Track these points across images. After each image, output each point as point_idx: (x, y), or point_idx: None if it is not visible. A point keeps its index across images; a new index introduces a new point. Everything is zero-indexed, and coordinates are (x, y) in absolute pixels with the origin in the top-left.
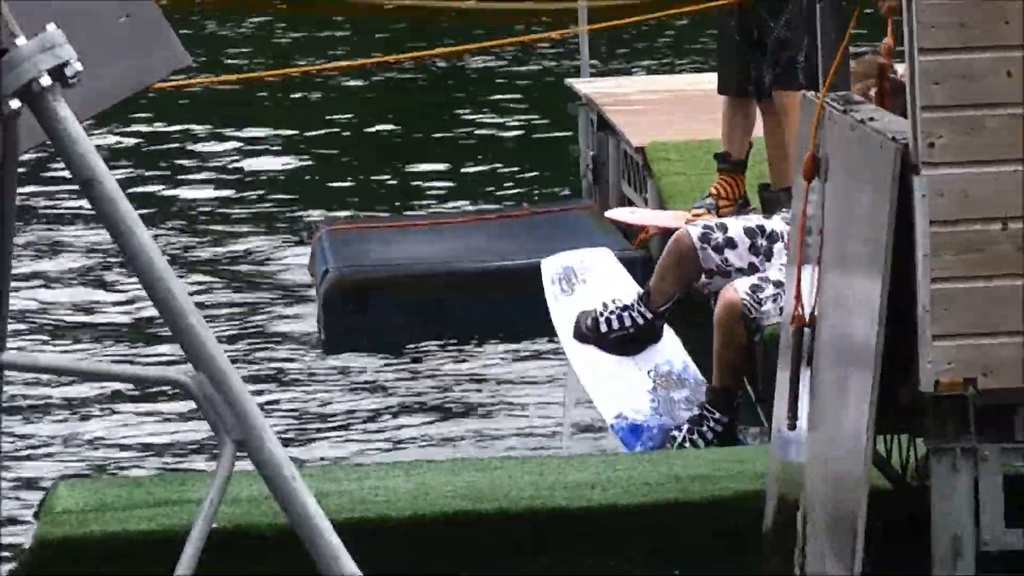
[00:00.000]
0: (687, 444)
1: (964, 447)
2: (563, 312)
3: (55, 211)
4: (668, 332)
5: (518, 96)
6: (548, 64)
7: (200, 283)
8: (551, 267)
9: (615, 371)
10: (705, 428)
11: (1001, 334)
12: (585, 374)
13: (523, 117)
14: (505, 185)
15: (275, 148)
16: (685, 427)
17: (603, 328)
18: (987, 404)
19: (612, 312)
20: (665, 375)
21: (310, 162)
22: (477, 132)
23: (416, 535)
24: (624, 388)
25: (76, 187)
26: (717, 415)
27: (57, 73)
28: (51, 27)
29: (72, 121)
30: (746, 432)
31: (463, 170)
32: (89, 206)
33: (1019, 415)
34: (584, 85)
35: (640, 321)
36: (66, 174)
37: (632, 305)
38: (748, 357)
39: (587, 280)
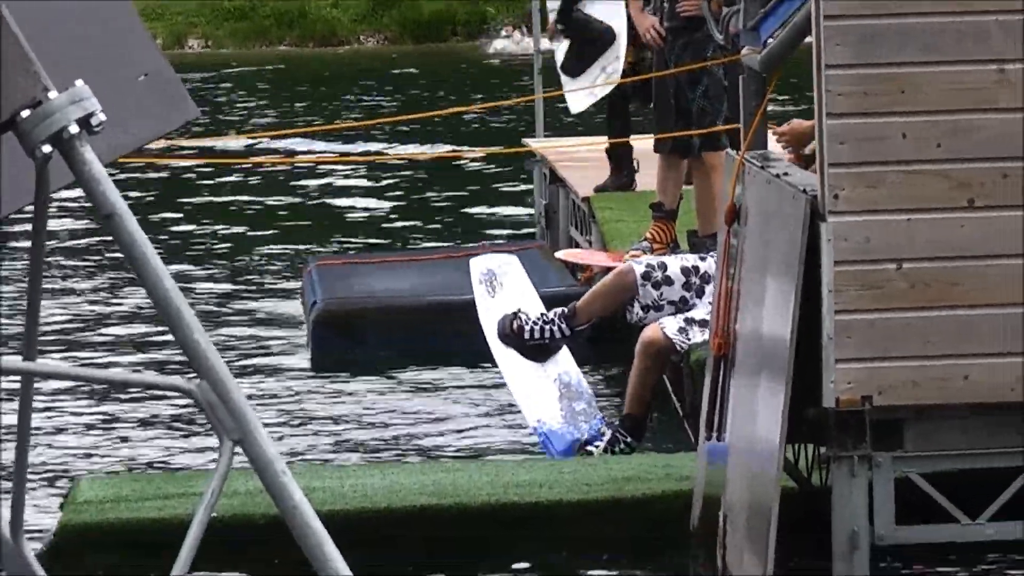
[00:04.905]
0: None
1: (861, 455)
2: (489, 313)
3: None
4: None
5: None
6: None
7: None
8: (477, 268)
9: (532, 377)
10: (617, 449)
11: (894, 359)
12: (510, 377)
13: (488, 169)
14: (470, 227)
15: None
16: (602, 445)
17: (526, 335)
18: (881, 419)
19: (536, 322)
20: (567, 385)
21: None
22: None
23: (388, 525)
24: (540, 394)
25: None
26: (629, 439)
27: (84, 122)
28: (79, 82)
29: (96, 164)
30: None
31: (436, 215)
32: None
33: (908, 428)
34: (538, 143)
35: (558, 336)
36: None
37: (553, 319)
38: (657, 389)
39: (504, 284)
